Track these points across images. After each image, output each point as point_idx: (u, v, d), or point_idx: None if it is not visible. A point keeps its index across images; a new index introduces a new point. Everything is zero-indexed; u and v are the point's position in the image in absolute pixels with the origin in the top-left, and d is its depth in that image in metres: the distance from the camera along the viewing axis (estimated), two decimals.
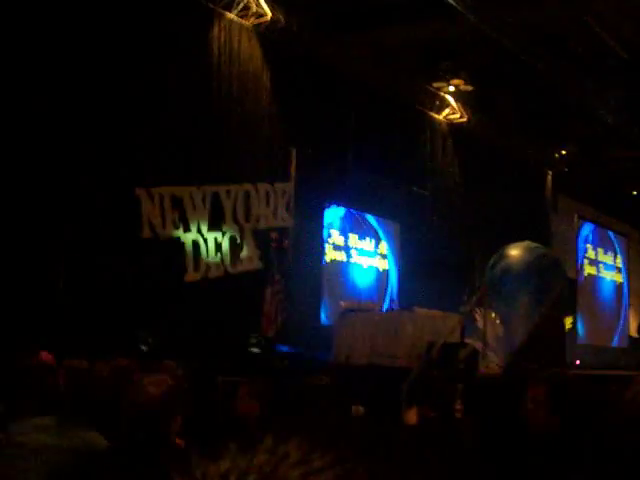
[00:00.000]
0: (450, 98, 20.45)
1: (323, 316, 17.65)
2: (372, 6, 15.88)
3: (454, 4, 15.07)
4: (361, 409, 6.69)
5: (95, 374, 4.90)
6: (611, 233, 28.90)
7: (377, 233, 19.82)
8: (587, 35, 16.62)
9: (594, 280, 27.48)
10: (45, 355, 7.97)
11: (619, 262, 29.30)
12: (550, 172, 25.20)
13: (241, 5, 15.31)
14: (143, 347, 12.55)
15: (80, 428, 4.29)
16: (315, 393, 3.96)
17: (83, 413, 4.44)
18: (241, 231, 15.42)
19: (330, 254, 18.26)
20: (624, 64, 17.71)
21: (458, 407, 5.90)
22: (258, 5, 15.51)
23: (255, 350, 13.99)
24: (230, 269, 15.11)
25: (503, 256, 17.32)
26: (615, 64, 17.76)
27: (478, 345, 13.95)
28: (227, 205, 15.21)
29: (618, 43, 17.03)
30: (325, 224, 18.04)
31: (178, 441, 4.17)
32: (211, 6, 15.04)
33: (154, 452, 3.69)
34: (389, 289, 19.90)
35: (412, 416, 7.46)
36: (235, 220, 15.33)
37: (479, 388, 4.71)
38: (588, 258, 27.18)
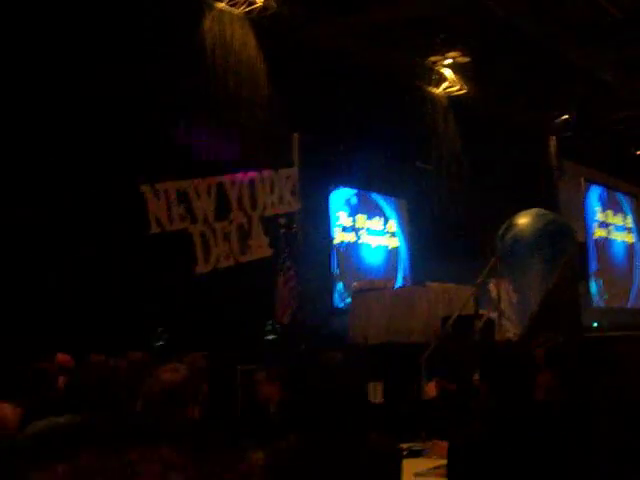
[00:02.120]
0: (448, 71, 20.39)
1: (336, 298, 17.66)
2: None
3: None
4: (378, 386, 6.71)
5: (110, 369, 4.91)
6: (619, 194, 28.82)
7: (384, 211, 19.81)
8: None
9: (605, 242, 27.43)
10: (61, 357, 8.01)
11: (629, 223, 29.23)
12: (554, 137, 25.13)
13: None
14: (159, 342, 12.59)
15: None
16: (331, 371, 3.96)
17: (101, 409, 4.46)
18: (248, 219, 15.43)
19: (339, 236, 18.25)
20: (619, 24, 17.64)
21: (476, 378, 5.88)
22: None
23: (271, 337, 14.02)
24: (240, 258, 15.13)
25: (512, 225, 17.29)
26: (610, 24, 17.69)
27: (493, 315, 13.95)
28: (232, 194, 15.22)
29: (612, 3, 16.96)
30: (332, 206, 18.03)
31: None
32: None
33: None
34: (400, 266, 19.91)
35: (431, 389, 7.49)
36: (241, 209, 15.34)
37: (496, 357, 4.71)
38: (598, 221, 27.13)
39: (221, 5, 15.36)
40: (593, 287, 25.39)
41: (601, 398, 4.34)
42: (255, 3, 15.64)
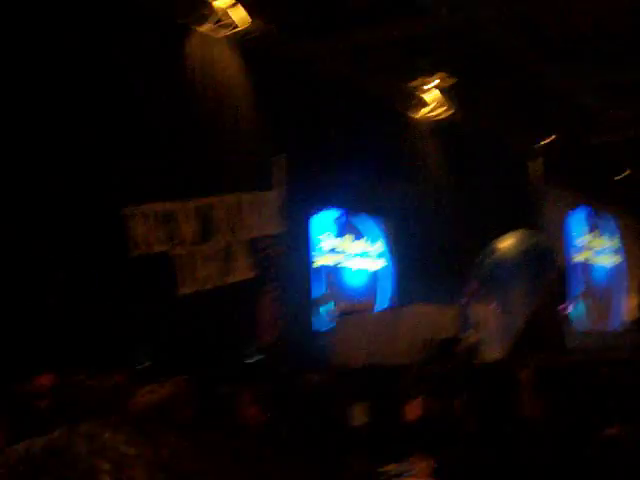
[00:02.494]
0: (432, 93, 20.42)
1: (324, 318, 17.60)
2: (346, 8, 15.88)
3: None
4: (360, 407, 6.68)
5: (90, 390, 4.88)
6: (602, 217, 28.90)
7: (368, 234, 19.79)
8: (564, 22, 16.64)
9: (589, 265, 27.49)
10: (43, 378, 7.95)
11: (612, 245, 29.30)
12: (538, 160, 25.19)
13: (214, 18, 15.29)
14: (142, 365, 12.52)
15: None
16: (311, 393, 3.94)
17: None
18: (232, 241, 15.37)
19: (323, 258, 18.22)
20: (603, 50, 17.74)
21: (460, 399, 5.88)
22: (231, 16, 15.48)
23: (254, 359, 13.96)
24: (223, 280, 15.06)
25: (496, 247, 17.34)
26: (594, 50, 17.79)
27: (476, 338, 13.95)
28: (216, 217, 15.16)
29: (592, 29, 17.06)
30: (315, 228, 18.00)
31: None
32: (184, 22, 15.02)
33: None
34: (384, 288, 19.87)
35: (415, 409, 7.45)
36: (225, 231, 15.28)
37: (479, 378, 4.71)
38: (581, 243, 27.19)
39: (205, 28, 15.36)
40: (579, 309, 25.45)
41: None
42: (239, 26, 15.64)
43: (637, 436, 3.58)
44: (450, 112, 21.03)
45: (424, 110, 20.80)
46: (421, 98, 20.42)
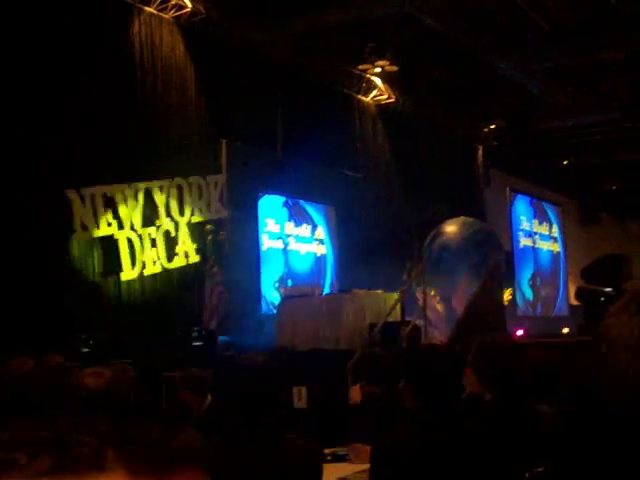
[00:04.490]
0: (377, 79, 20.46)
1: (264, 305, 17.60)
2: None
3: None
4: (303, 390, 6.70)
5: (30, 372, 4.84)
6: (545, 204, 29.15)
7: (313, 219, 19.79)
8: (509, 8, 16.71)
9: (531, 251, 27.72)
10: None
11: (555, 232, 29.57)
12: (480, 147, 25.34)
13: None
14: (84, 349, 12.44)
15: None
16: (251, 372, 3.94)
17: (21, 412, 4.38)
18: (176, 226, 15.35)
19: (267, 243, 18.21)
20: (547, 35, 17.85)
21: (402, 384, 5.91)
22: None
23: (198, 343, 13.92)
24: (167, 264, 15.04)
25: (439, 233, 17.42)
26: (538, 35, 17.89)
27: (420, 322, 14.00)
28: (160, 201, 15.12)
29: (540, 14, 17.16)
30: (260, 213, 17.97)
31: None
32: (129, 1, 14.88)
33: None
34: (328, 273, 19.90)
35: (356, 394, 7.49)
36: (169, 215, 15.25)
37: (421, 360, 4.73)
38: (523, 230, 27.40)
39: (150, 9, 15.24)
40: (519, 295, 25.67)
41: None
42: (184, 8, 15.56)
43: (566, 415, 3.64)
44: (395, 97, 21.08)
45: (370, 95, 20.82)
46: (367, 83, 20.45)
